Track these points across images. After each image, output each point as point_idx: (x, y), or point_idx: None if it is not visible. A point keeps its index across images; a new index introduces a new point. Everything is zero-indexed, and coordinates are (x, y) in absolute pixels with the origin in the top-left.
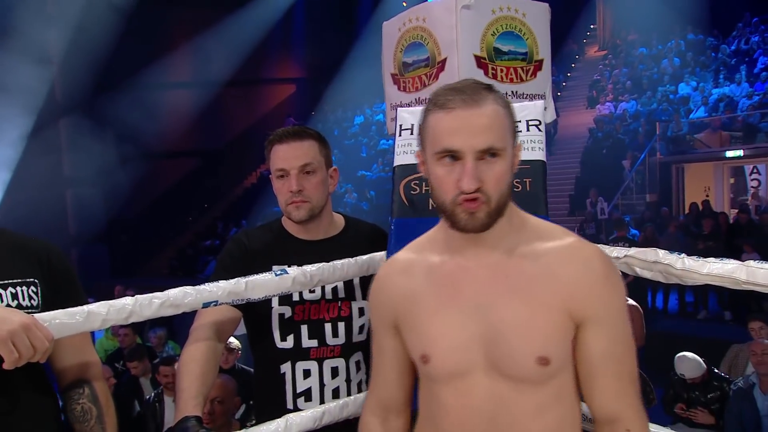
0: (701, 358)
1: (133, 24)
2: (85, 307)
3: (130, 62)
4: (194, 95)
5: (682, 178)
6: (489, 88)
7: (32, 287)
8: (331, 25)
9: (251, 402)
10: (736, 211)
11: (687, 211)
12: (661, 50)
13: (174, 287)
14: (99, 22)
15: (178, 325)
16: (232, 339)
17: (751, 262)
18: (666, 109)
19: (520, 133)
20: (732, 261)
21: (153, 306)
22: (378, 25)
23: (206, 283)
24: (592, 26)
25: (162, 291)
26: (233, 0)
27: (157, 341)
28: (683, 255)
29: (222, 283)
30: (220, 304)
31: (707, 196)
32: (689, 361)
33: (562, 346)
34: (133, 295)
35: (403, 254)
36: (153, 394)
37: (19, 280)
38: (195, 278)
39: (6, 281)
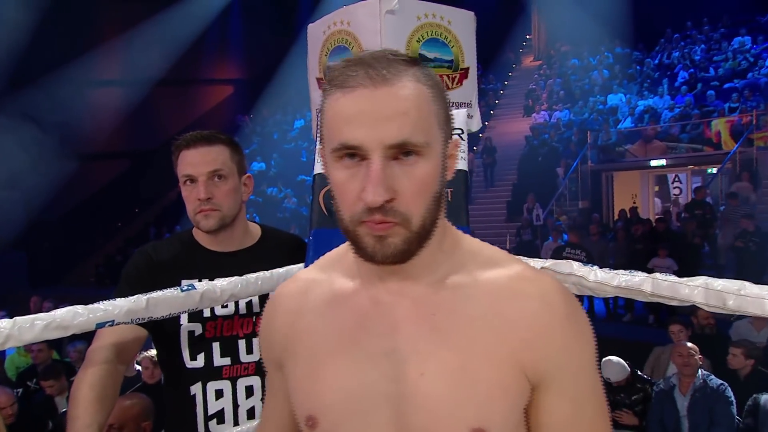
0: (625, 361)
1: (56, 15)
2: None
3: (52, 56)
4: (124, 93)
5: (611, 185)
6: (410, 60)
7: None
8: (270, 25)
9: None
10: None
11: (617, 217)
12: (591, 62)
13: (102, 297)
14: (15, 10)
15: None
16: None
17: (657, 275)
18: (596, 118)
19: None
20: (640, 273)
21: (35, 329)
22: None
23: (101, 301)
24: (527, 36)
25: (88, 301)
26: None
27: (77, 356)
28: (595, 267)
29: (119, 300)
30: (117, 324)
31: (635, 203)
32: (614, 365)
33: (510, 414)
34: (51, 307)
35: (308, 272)
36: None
37: None
38: None
39: None
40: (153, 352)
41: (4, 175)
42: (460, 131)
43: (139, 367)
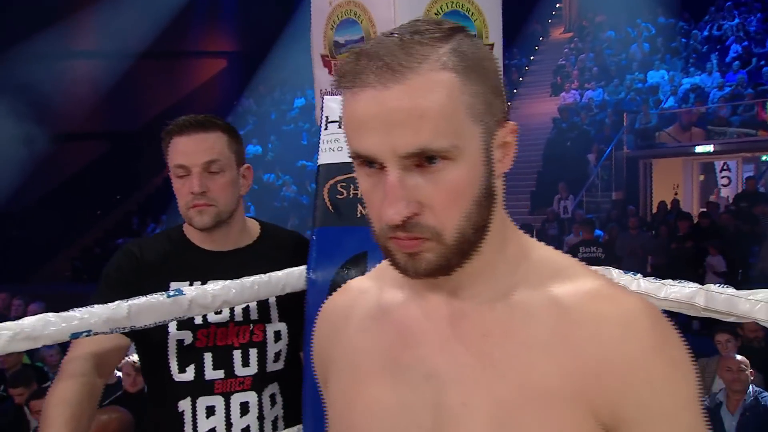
0: None
1: None
2: None
3: (21, 25)
4: (102, 67)
5: (649, 174)
6: (444, 34)
7: None
8: None
9: None
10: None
11: (655, 210)
12: (629, 34)
13: (78, 294)
14: None
15: None
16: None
17: (711, 286)
18: (634, 98)
19: None
20: (691, 284)
21: (0, 340)
22: None
23: (76, 309)
24: (557, 5)
25: (63, 298)
26: None
27: (51, 360)
28: (638, 276)
29: (97, 307)
30: (94, 335)
31: (676, 194)
32: None
33: None
34: (21, 305)
35: (360, 281)
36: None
37: None
38: None
39: None
40: (136, 356)
41: None
42: None
43: (119, 374)
